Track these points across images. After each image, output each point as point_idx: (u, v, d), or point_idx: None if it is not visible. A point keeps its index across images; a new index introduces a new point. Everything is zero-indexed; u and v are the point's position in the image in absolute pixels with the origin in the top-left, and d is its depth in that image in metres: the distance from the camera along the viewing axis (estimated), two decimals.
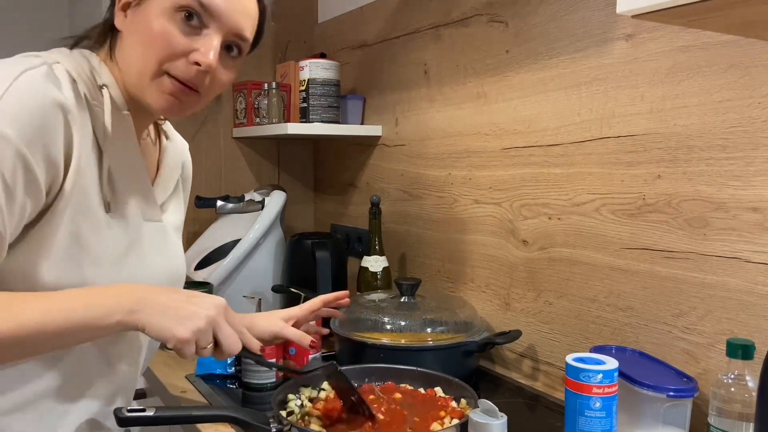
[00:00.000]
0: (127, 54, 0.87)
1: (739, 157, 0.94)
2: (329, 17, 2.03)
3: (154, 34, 0.84)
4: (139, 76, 0.86)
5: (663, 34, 1.03)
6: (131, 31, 0.87)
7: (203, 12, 0.84)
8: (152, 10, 0.85)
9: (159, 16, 0.84)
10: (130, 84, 0.88)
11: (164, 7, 0.84)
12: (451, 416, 0.98)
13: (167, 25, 0.84)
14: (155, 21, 0.84)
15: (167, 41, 0.84)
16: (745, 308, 0.94)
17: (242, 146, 2.01)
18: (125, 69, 0.88)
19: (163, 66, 0.84)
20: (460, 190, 1.48)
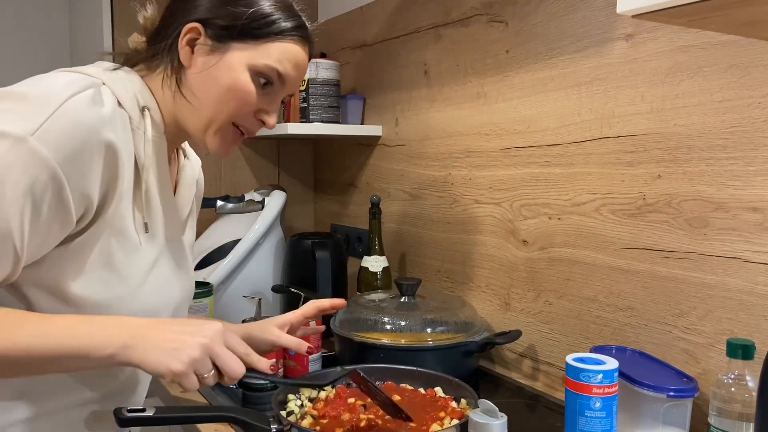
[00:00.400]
0: (198, 95, 0.89)
1: (740, 157, 0.94)
2: (329, 17, 2.03)
3: (236, 90, 0.88)
4: (208, 121, 0.90)
5: (663, 34, 1.03)
6: (206, 76, 0.89)
7: (278, 80, 0.91)
8: (231, 61, 0.88)
9: (241, 72, 0.88)
10: (191, 121, 0.91)
11: (245, 64, 0.88)
12: (451, 416, 0.98)
13: (249, 85, 0.89)
14: (237, 77, 0.88)
15: (246, 101, 0.89)
16: (745, 308, 0.94)
17: (242, 146, 2.00)
18: (191, 108, 0.90)
19: (234, 119, 0.91)
20: (460, 190, 1.48)
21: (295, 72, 0.92)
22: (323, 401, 1.05)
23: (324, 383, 0.94)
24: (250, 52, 0.88)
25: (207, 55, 0.89)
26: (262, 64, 0.89)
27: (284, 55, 0.90)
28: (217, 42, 0.88)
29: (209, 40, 0.88)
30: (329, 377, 0.95)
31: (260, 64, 0.89)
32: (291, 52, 0.91)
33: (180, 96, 0.90)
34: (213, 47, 0.88)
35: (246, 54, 0.88)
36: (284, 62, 0.90)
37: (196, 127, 0.91)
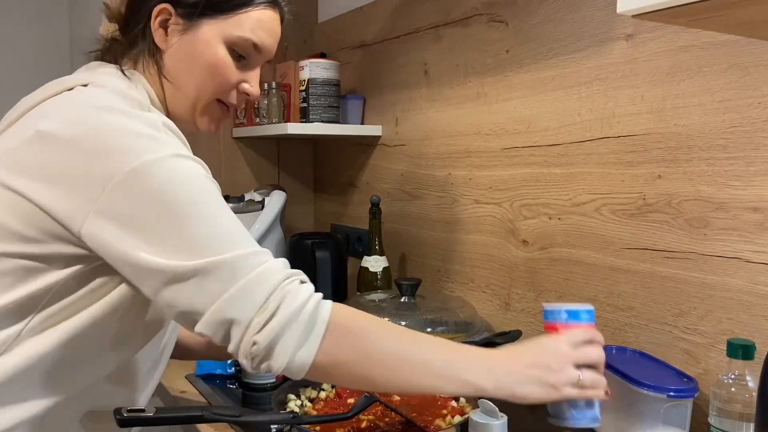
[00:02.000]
0: (179, 77, 0.90)
1: (740, 157, 0.94)
2: (329, 17, 2.03)
3: (212, 66, 0.89)
4: (193, 102, 0.91)
5: (663, 34, 1.03)
6: (182, 55, 0.89)
7: (253, 50, 0.92)
8: (206, 38, 0.88)
9: (215, 47, 0.89)
10: (177, 103, 0.91)
11: (219, 38, 0.89)
12: (452, 414, 0.98)
13: (225, 59, 0.90)
14: (212, 52, 0.89)
15: (225, 76, 0.90)
16: (745, 308, 0.94)
17: (242, 146, 2.00)
18: (175, 90, 0.91)
19: (217, 96, 0.91)
20: (460, 190, 1.48)
21: (269, 39, 0.93)
22: (323, 401, 1.05)
23: (350, 415, 0.93)
24: (222, 25, 0.89)
25: (181, 34, 0.89)
26: (236, 36, 0.89)
27: (257, 24, 0.91)
28: (188, 20, 0.88)
29: (180, 19, 0.89)
30: (354, 409, 0.94)
31: (234, 36, 0.89)
32: (262, 20, 0.92)
33: (163, 80, 0.90)
34: (185, 26, 0.89)
35: (219, 28, 0.89)
36: (257, 31, 0.91)
37: (183, 109, 0.92)
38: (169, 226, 0.74)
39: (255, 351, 0.73)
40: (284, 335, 0.73)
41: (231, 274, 0.73)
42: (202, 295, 0.73)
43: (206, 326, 0.74)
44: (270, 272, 0.75)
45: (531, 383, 0.80)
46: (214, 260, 0.73)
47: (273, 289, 0.74)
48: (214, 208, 0.77)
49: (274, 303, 0.73)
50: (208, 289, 0.73)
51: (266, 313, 0.73)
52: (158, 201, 0.74)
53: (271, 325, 0.73)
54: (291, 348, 0.74)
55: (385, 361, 0.78)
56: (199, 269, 0.73)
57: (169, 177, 0.75)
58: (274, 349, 0.73)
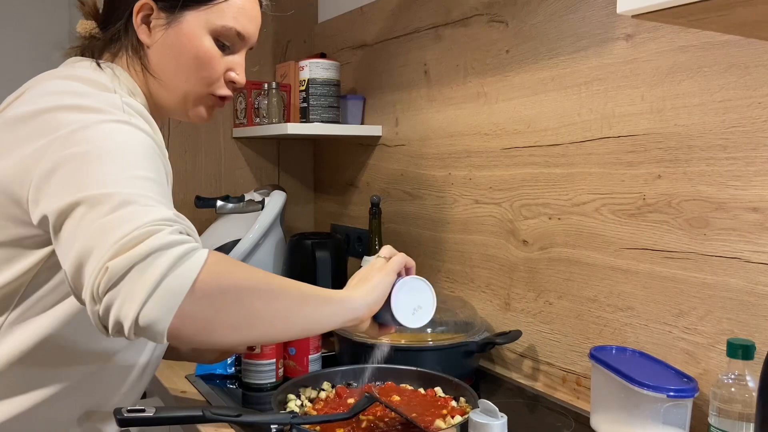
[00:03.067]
0: (166, 72, 0.90)
1: (740, 157, 0.94)
2: (329, 17, 2.03)
3: (199, 58, 0.89)
4: (183, 95, 0.91)
5: (663, 34, 1.03)
6: (168, 50, 0.89)
7: (237, 39, 0.92)
8: (190, 30, 0.88)
9: (200, 39, 0.89)
10: (165, 97, 0.91)
11: (203, 30, 0.89)
12: (452, 414, 0.98)
13: (211, 50, 0.90)
14: (198, 44, 0.89)
15: (212, 67, 0.90)
16: (745, 308, 0.94)
17: (242, 146, 2.01)
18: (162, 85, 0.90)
19: (206, 87, 0.92)
20: (460, 190, 1.48)
21: (251, 25, 0.93)
22: (323, 401, 1.05)
23: (350, 415, 0.93)
24: (205, 16, 0.89)
25: (164, 29, 0.89)
26: (220, 25, 0.89)
27: (239, 12, 0.91)
28: (170, 13, 0.88)
29: (163, 13, 0.88)
30: (354, 409, 0.94)
31: (218, 26, 0.89)
32: (244, 7, 0.92)
33: (149, 75, 0.90)
34: (168, 19, 0.88)
35: (202, 19, 0.89)
36: (240, 18, 0.91)
37: (173, 102, 0.92)
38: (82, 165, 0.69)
39: (104, 286, 0.62)
40: (137, 270, 0.62)
41: (117, 205, 0.65)
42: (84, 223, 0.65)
43: (70, 268, 0.65)
44: (153, 210, 0.66)
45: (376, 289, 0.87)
46: (99, 193, 0.66)
47: (148, 222, 0.64)
48: (137, 159, 0.72)
49: (138, 235, 0.63)
50: (90, 217, 0.65)
51: (126, 241, 0.63)
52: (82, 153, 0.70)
53: (129, 254, 0.62)
54: (145, 290, 0.62)
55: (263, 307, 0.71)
56: (85, 200, 0.66)
57: (94, 135, 0.72)
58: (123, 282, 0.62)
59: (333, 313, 0.80)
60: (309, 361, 1.26)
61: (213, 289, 0.65)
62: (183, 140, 1.91)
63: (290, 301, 0.75)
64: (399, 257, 0.93)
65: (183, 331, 0.64)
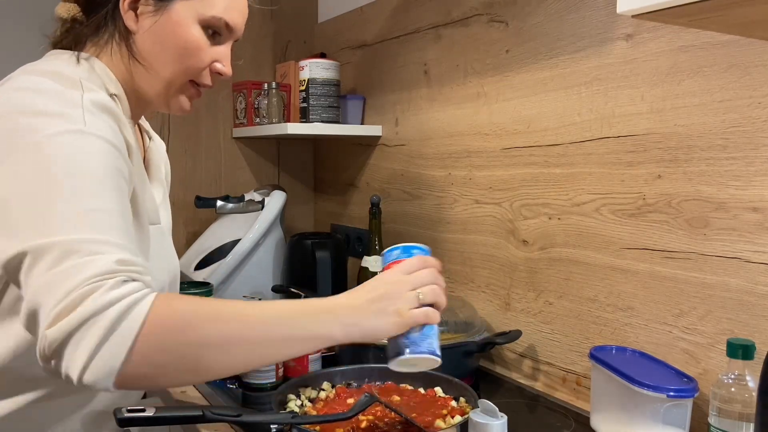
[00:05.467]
0: (151, 59, 0.88)
1: (740, 157, 0.94)
2: (329, 17, 2.03)
3: (187, 47, 0.88)
4: (167, 83, 0.90)
5: (663, 34, 1.03)
6: (155, 36, 0.88)
7: (225, 30, 0.91)
8: (179, 18, 0.87)
9: (189, 27, 0.87)
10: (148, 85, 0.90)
11: (193, 19, 0.87)
12: (452, 414, 0.98)
13: (199, 39, 0.88)
14: (186, 32, 0.87)
15: (199, 56, 0.89)
16: (745, 308, 0.94)
17: (242, 146, 2.01)
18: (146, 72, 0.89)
19: (191, 77, 0.90)
20: (460, 190, 1.48)
21: (240, 18, 0.92)
22: (323, 401, 1.05)
23: (350, 415, 0.93)
24: (194, 5, 0.87)
25: (152, 15, 0.87)
26: (210, 15, 0.88)
27: (228, 3, 0.90)
28: (159, 1, 0.87)
29: (151, 0, 0.87)
30: (354, 409, 0.93)
31: (208, 16, 0.88)
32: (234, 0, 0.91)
33: (134, 63, 0.89)
34: (156, 6, 0.87)
35: (191, 8, 0.87)
36: (230, 11, 0.90)
37: (156, 91, 0.90)
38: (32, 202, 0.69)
39: (47, 350, 0.65)
40: (76, 338, 0.64)
41: (58, 258, 0.66)
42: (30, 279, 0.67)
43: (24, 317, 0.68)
44: (93, 263, 0.66)
45: (375, 316, 0.77)
46: (43, 243, 0.67)
47: (84, 280, 0.65)
48: (87, 185, 0.71)
49: (78, 296, 0.64)
50: (35, 272, 0.67)
51: (66, 304, 0.64)
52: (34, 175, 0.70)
53: (67, 320, 0.64)
54: (85, 355, 0.64)
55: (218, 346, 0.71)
56: (28, 251, 0.67)
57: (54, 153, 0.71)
58: (64, 350, 0.65)
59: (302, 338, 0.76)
60: (309, 361, 1.26)
61: (152, 349, 0.67)
62: (183, 140, 1.91)
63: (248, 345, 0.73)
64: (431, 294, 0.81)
65: (129, 384, 0.68)
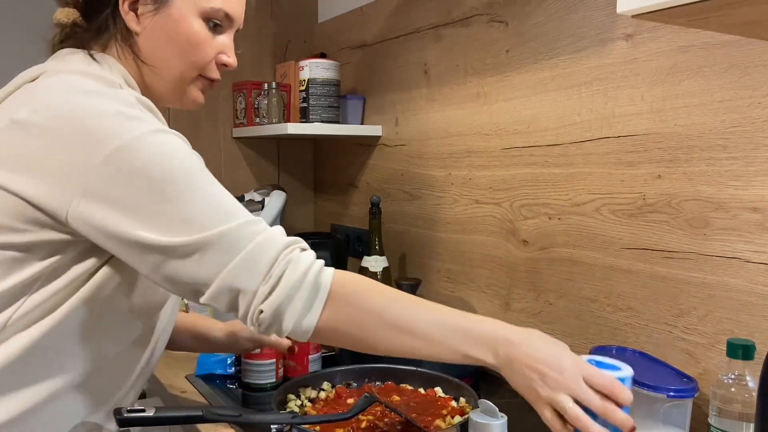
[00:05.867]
0: (157, 58, 0.89)
1: (740, 157, 0.94)
2: (329, 17, 2.03)
3: (191, 42, 0.89)
4: (176, 80, 0.91)
5: (663, 34, 1.03)
6: (158, 35, 0.88)
7: (225, 20, 0.91)
8: (179, 13, 0.88)
9: (190, 21, 0.88)
10: (157, 84, 0.91)
11: (193, 12, 0.88)
12: (452, 414, 0.98)
13: (201, 33, 0.89)
14: (188, 27, 0.88)
15: (203, 50, 0.90)
16: (745, 308, 0.94)
17: (242, 146, 2.00)
18: (154, 72, 0.90)
19: (199, 71, 0.91)
20: (460, 190, 1.48)
21: (239, 6, 0.93)
22: (323, 401, 1.05)
23: (350, 415, 0.93)
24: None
25: (153, 14, 0.87)
26: (209, 7, 0.89)
27: None
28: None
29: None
30: (354, 409, 0.93)
31: (207, 8, 0.89)
32: None
33: (141, 63, 0.89)
34: (156, 4, 0.87)
35: (190, 1, 0.88)
36: (228, 1, 0.91)
37: (166, 89, 0.92)
38: (162, 202, 0.75)
39: (262, 318, 0.77)
40: (289, 303, 0.77)
41: (231, 245, 0.76)
42: (205, 268, 0.76)
43: (212, 298, 0.77)
44: (269, 241, 0.78)
45: (522, 378, 0.78)
46: (213, 233, 0.75)
47: (275, 257, 0.77)
48: (202, 180, 0.79)
49: (277, 272, 0.77)
50: (211, 261, 0.76)
51: (270, 282, 0.76)
52: (146, 178, 0.75)
53: (276, 293, 0.76)
54: (295, 315, 0.77)
55: (384, 326, 0.80)
56: (200, 243, 0.75)
57: (153, 153, 0.76)
58: (280, 317, 0.77)
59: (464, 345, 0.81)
60: (309, 361, 1.26)
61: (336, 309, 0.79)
62: None
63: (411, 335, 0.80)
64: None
65: (320, 336, 0.80)
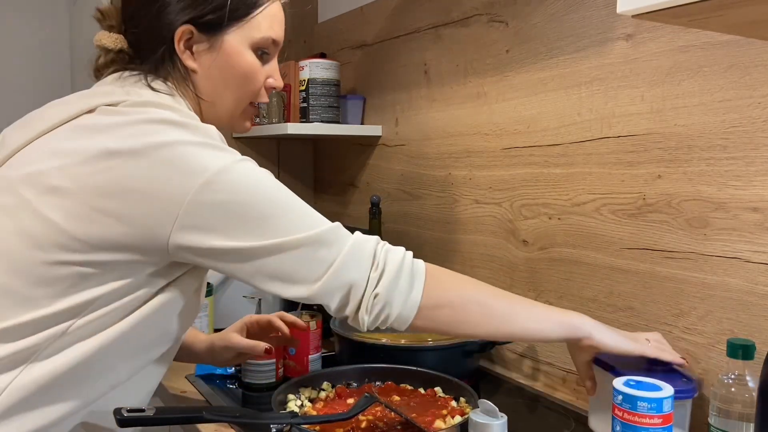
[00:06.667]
0: (216, 94, 0.92)
1: (740, 157, 0.94)
2: (329, 17, 2.03)
3: (246, 75, 0.92)
4: (231, 111, 0.94)
5: (663, 34, 1.03)
6: (215, 72, 0.90)
7: (272, 46, 0.94)
8: (234, 49, 0.90)
9: (244, 55, 0.91)
10: (214, 116, 0.94)
11: (245, 45, 0.90)
12: (452, 414, 0.99)
13: (255, 64, 0.92)
14: (242, 61, 0.91)
15: (255, 79, 0.93)
16: (745, 308, 0.94)
17: (242, 146, 2.00)
18: (212, 105, 0.93)
19: (252, 100, 0.95)
20: (460, 190, 1.48)
21: (282, 31, 0.96)
22: (323, 401, 1.05)
23: (350, 415, 0.93)
24: (244, 31, 0.90)
25: (208, 52, 0.89)
26: (259, 37, 0.91)
27: (272, 21, 0.93)
28: (212, 35, 0.89)
29: (204, 36, 0.89)
30: (354, 409, 0.93)
31: (257, 39, 0.91)
32: (275, 15, 0.94)
33: (200, 99, 0.92)
34: (210, 42, 0.89)
35: (241, 35, 0.90)
36: (274, 27, 0.93)
37: (221, 119, 0.94)
38: (258, 219, 0.79)
39: (377, 303, 0.83)
40: (397, 285, 0.84)
41: (335, 243, 0.82)
42: (313, 264, 0.81)
43: (322, 293, 0.82)
44: (363, 239, 0.85)
45: (617, 335, 0.94)
46: (316, 232, 0.81)
47: (374, 249, 0.85)
48: (289, 198, 0.83)
49: (381, 259, 0.84)
50: (318, 257, 0.81)
51: (379, 269, 0.83)
52: (238, 204, 0.79)
53: (385, 277, 0.83)
54: (404, 295, 0.84)
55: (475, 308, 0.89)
56: (304, 241, 0.80)
57: (241, 180, 0.79)
58: (391, 300, 0.83)
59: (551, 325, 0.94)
60: (309, 361, 1.26)
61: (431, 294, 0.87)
62: None
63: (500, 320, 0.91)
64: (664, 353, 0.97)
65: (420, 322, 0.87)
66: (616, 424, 0.80)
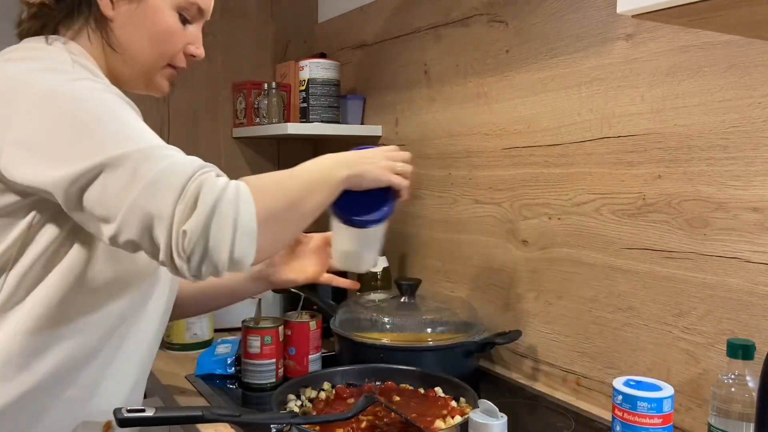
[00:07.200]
0: (128, 46, 0.90)
1: (740, 157, 0.94)
2: (329, 17, 2.03)
3: (164, 33, 0.90)
4: (146, 69, 0.92)
5: (663, 34, 1.03)
6: (132, 24, 0.89)
7: (197, 13, 0.93)
8: (155, 5, 0.89)
9: (166, 14, 0.90)
10: (124, 71, 0.92)
11: (169, 5, 0.89)
12: (452, 415, 0.98)
13: (174, 25, 0.91)
14: (163, 19, 0.89)
15: (175, 40, 0.91)
16: (745, 308, 0.94)
17: (242, 146, 2.01)
18: (122, 59, 0.91)
19: (168, 61, 0.93)
20: (460, 190, 1.48)
21: (210, 0, 0.95)
22: (323, 401, 1.05)
23: (350, 415, 0.93)
24: None
25: (128, 2, 0.88)
26: (185, 1, 0.90)
27: None
28: None
29: None
30: (354, 409, 0.93)
31: (183, 2, 0.90)
32: None
33: (110, 50, 0.90)
34: None
35: None
36: None
37: (133, 77, 0.93)
38: (75, 135, 0.73)
39: (188, 245, 0.68)
40: (215, 222, 0.69)
41: (138, 167, 0.70)
42: (111, 194, 0.70)
43: (125, 231, 0.70)
44: (180, 163, 0.72)
45: (370, 165, 0.92)
46: (118, 153, 0.70)
47: (188, 178, 0.70)
48: (119, 113, 0.76)
49: (192, 190, 0.69)
50: (116, 185, 0.70)
51: (186, 201, 0.69)
52: (63, 117, 0.74)
53: (197, 212, 0.68)
54: (229, 234, 0.70)
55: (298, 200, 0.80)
56: (104, 164, 0.70)
57: (73, 96, 0.75)
58: (209, 240, 0.69)
59: None
60: (309, 361, 1.26)
61: (269, 218, 0.75)
62: (183, 140, 1.91)
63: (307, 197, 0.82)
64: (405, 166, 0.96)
65: (262, 254, 0.75)
66: (616, 424, 0.80)
